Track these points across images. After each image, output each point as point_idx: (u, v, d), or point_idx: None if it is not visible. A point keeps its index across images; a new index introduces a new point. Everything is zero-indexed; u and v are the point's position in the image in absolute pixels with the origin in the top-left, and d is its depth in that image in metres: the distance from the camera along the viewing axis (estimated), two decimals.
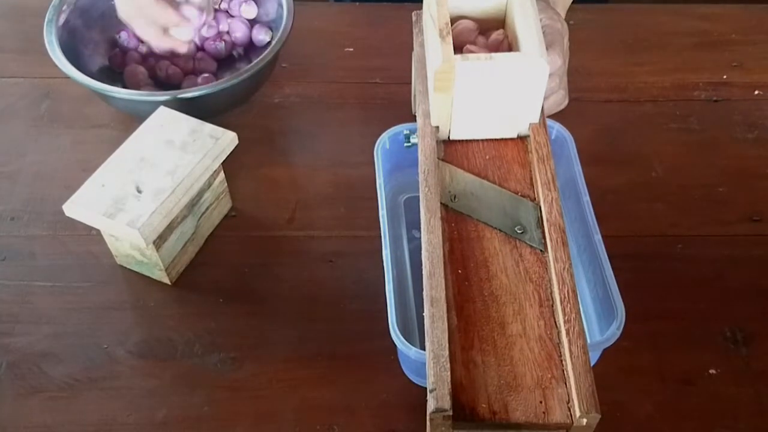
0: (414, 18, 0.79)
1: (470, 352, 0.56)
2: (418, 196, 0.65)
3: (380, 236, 0.74)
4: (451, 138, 0.69)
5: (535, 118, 0.67)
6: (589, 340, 0.65)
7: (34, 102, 0.99)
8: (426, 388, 0.54)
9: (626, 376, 0.75)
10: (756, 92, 1.00)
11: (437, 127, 0.68)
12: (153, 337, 0.78)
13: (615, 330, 0.68)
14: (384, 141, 0.82)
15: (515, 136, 0.69)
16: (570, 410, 0.54)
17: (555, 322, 0.58)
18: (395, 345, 0.67)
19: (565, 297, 0.58)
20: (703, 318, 0.79)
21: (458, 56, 0.63)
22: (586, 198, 0.77)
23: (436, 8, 0.66)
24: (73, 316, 0.79)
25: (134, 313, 0.80)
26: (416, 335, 0.76)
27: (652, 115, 0.98)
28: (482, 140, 0.69)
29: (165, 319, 0.79)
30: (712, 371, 0.76)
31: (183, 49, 0.94)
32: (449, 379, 0.53)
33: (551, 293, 0.59)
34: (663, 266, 0.83)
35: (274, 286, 0.82)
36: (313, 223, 0.87)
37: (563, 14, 0.98)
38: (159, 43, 0.94)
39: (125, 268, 0.83)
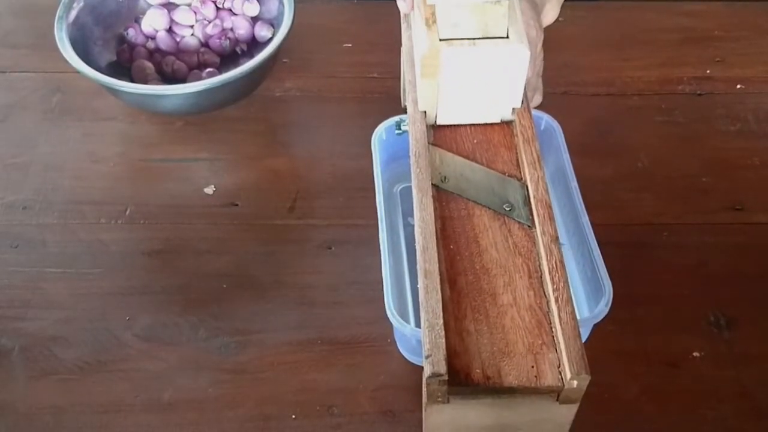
0: (402, 13, 0.79)
1: (464, 322, 0.56)
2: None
3: (377, 224, 0.73)
4: (437, 123, 0.68)
5: (518, 102, 0.67)
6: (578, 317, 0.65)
7: (45, 96, 0.98)
8: (421, 369, 0.54)
9: (613, 359, 0.74)
10: (738, 86, 0.99)
11: (425, 112, 0.67)
12: (159, 322, 0.77)
13: (603, 306, 0.67)
14: (380, 133, 0.81)
15: (499, 120, 0.69)
16: (561, 374, 0.53)
17: (544, 293, 0.57)
18: (392, 328, 0.67)
19: (553, 267, 0.57)
20: (687, 303, 0.78)
21: (443, 42, 0.63)
22: (574, 183, 0.76)
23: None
24: (83, 301, 0.79)
25: (141, 299, 0.79)
26: (411, 321, 0.75)
27: (639, 108, 0.97)
28: (469, 125, 0.69)
29: (171, 304, 0.78)
30: (695, 354, 0.75)
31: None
32: (444, 346, 0.53)
33: (539, 265, 0.59)
34: (649, 253, 0.82)
35: (275, 272, 0.81)
36: (312, 212, 0.86)
37: (559, 5, 0.96)
38: None
39: (130, 256, 0.82)
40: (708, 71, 1.01)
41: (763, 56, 1.03)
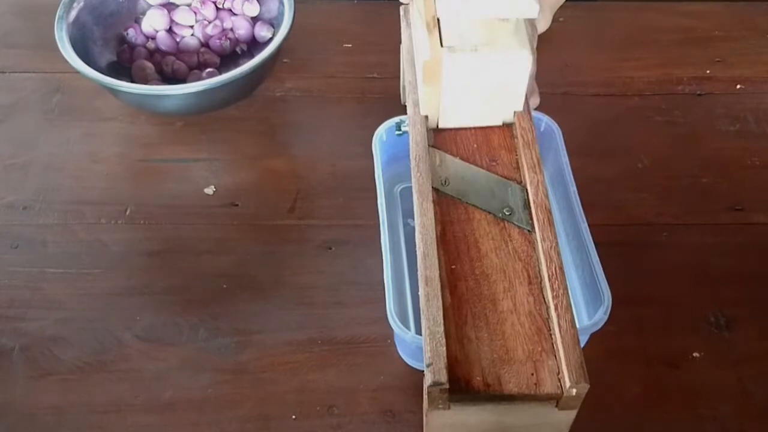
0: (402, 12, 0.79)
1: (464, 329, 0.56)
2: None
3: (377, 225, 0.73)
4: (439, 126, 0.69)
5: (519, 106, 0.67)
6: (577, 325, 0.65)
7: (45, 96, 0.98)
8: (421, 371, 0.54)
9: (613, 360, 0.74)
10: (738, 86, 0.99)
11: (426, 116, 0.68)
12: (159, 322, 0.77)
13: (602, 314, 0.67)
14: (381, 133, 0.81)
15: (501, 123, 0.69)
16: (560, 381, 0.53)
17: (543, 299, 0.58)
18: (392, 330, 0.67)
19: (552, 274, 0.57)
20: (687, 303, 0.78)
21: (445, 48, 0.63)
22: (573, 188, 0.76)
23: (422, 2, 0.65)
24: (83, 301, 0.78)
25: (141, 299, 0.79)
26: (411, 321, 0.75)
27: (639, 108, 0.96)
28: (470, 128, 0.69)
29: (171, 304, 0.78)
30: (695, 355, 0.75)
31: None
32: (445, 354, 0.53)
33: (539, 271, 0.59)
34: (649, 253, 0.82)
35: (275, 272, 0.81)
36: (313, 213, 0.86)
37: (551, 14, 0.96)
38: None
39: (130, 256, 0.82)
40: (708, 71, 1.01)
41: (763, 56, 1.03)
